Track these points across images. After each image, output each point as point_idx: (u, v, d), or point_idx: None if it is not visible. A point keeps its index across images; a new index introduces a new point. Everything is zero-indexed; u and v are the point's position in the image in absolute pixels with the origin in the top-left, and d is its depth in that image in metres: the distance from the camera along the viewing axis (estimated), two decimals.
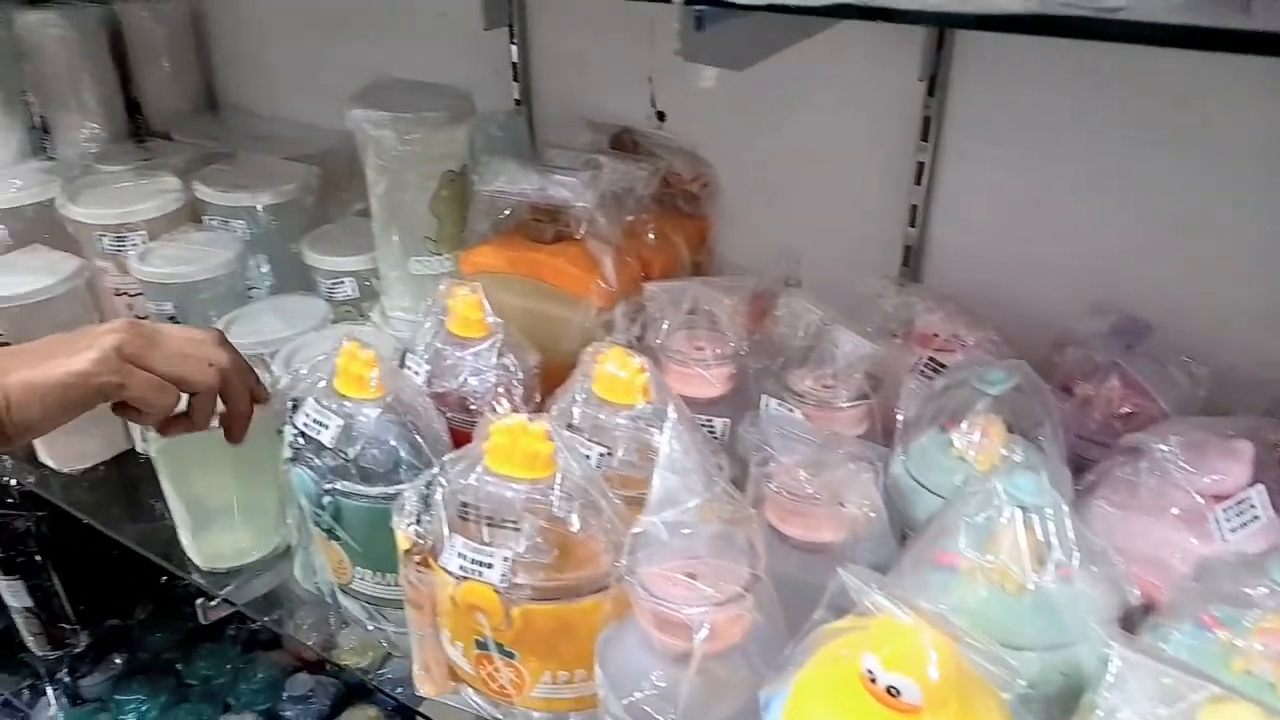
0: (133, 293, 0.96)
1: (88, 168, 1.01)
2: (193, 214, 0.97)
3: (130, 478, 1.01)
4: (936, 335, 0.74)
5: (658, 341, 0.74)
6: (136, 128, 1.15)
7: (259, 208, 0.95)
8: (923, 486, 0.62)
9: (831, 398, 0.67)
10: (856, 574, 0.43)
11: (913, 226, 0.79)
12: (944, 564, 0.53)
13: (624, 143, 0.88)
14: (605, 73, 0.90)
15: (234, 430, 0.71)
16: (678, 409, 0.57)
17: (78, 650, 1.41)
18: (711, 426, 0.72)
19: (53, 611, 1.37)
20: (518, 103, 0.94)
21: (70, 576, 1.37)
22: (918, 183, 0.77)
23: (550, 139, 0.94)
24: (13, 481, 1.28)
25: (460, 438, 0.73)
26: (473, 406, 0.74)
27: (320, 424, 0.66)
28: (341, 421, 0.66)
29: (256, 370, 0.74)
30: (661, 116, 0.88)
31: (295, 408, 0.70)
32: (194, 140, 1.11)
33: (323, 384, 0.68)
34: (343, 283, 0.91)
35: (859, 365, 0.67)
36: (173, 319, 0.90)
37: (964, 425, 0.62)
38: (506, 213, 0.80)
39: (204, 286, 0.90)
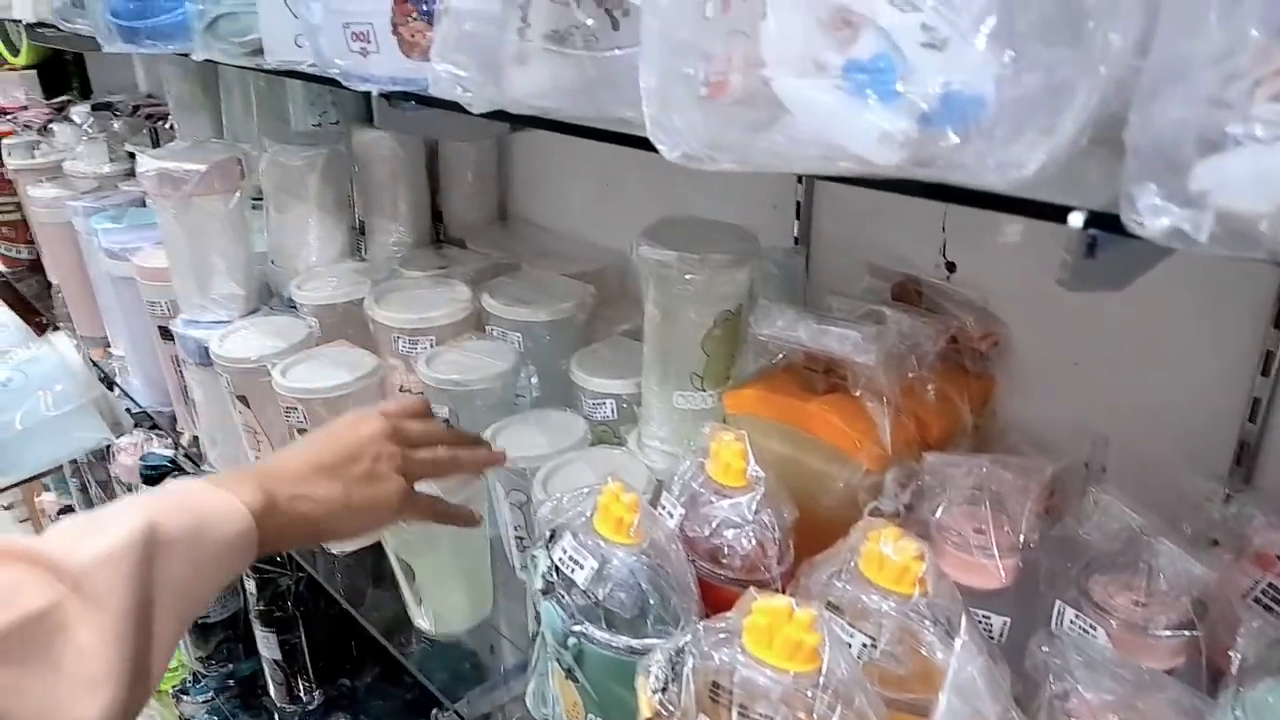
0: (415, 391, 1.03)
1: (394, 271, 1.11)
2: (478, 322, 1.03)
3: (379, 561, 1.07)
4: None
5: (933, 516, 0.67)
6: (437, 234, 1.26)
7: (537, 323, 0.99)
8: None
9: (1146, 621, 0.57)
10: None
11: (1252, 422, 0.68)
12: None
13: (907, 292, 0.84)
14: (892, 217, 0.87)
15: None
16: (970, 627, 0.50)
17: (310, 707, 1.50)
18: (988, 624, 0.64)
19: (295, 666, 1.47)
20: (796, 241, 0.93)
21: (314, 635, 1.47)
22: (1264, 373, 0.66)
23: (827, 280, 0.91)
24: None
25: (707, 589, 0.71)
26: (724, 560, 0.70)
27: (576, 563, 0.66)
28: (597, 564, 0.65)
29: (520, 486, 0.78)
30: (951, 267, 0.83)
31: (553, 538, 0.70)
32: (485, 250, 1.19)
33: (582, 520, 0.68)
34: (604, 404, 0.92)
35: (1183, 588, 0.57)
36: (446, 423, 0.95)
37: None
38: (779, 357, 0.78)
39: (479, 395, 0.94)
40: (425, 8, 0.56)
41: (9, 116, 1.92)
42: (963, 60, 0.32)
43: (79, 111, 1.95)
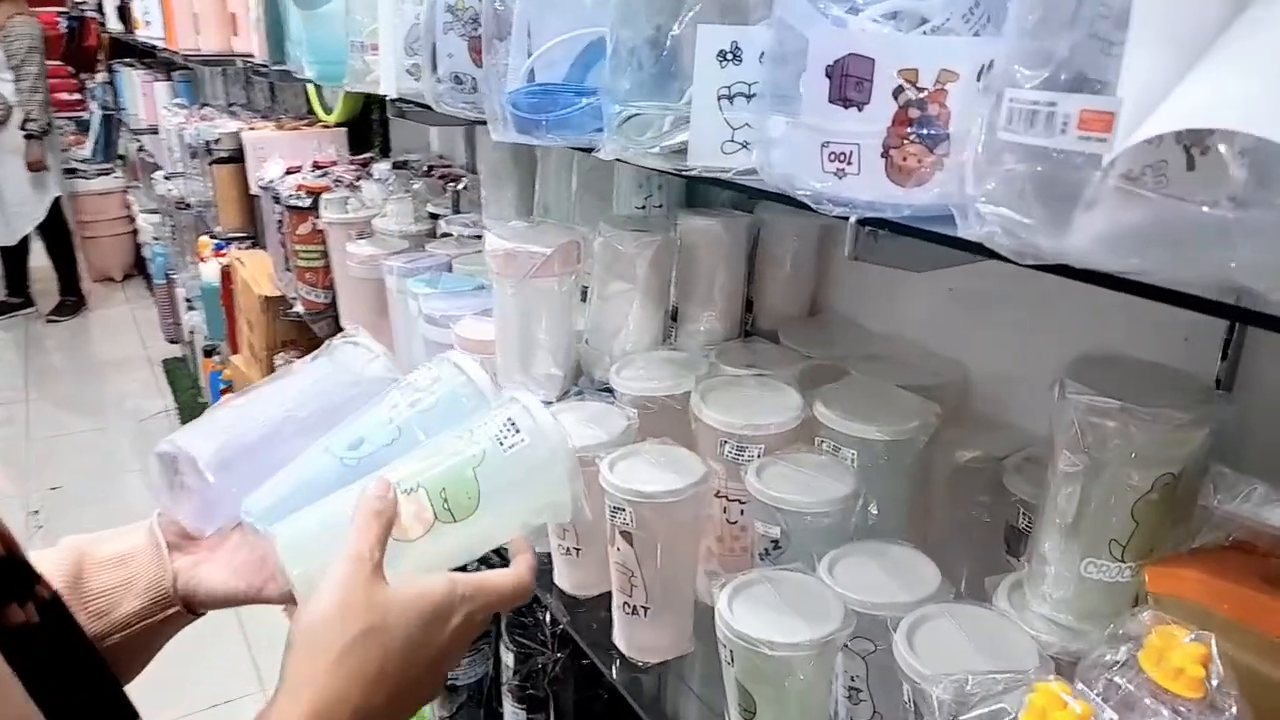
0: (732, 497, 0.96)
1: (713, 366, 1.06)
2: (808, 431, 0.96)
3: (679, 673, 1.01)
4: None
5: None
6: (744, 325, 1.20)
7: (877, 441, 0.90)
8: None
9: None
10: None
11: None
12: None
13: None
14: None
15: None
16: None
17: None
18: None
19: None
20: (1218, 384, 0.79)
21: (562, 717, 1.43)
22: None
23: (1260, 438, 0.77)
24: (547, 620, 1.37)
25: None
26: None
27: None
28: None
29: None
30: None
31: None
32: (800, 347, 1.12)
33: (1007, 716, 0.58)
34: None
35: None
36: (775, 543, 0.88)
37: None
38: (1232, 537, 0.65)
39: (815, 518, 0.86)
40: (928, 130, 0.49)
41: (321, 171, 2.08)
42: None
43: (380, 169, 2.08)
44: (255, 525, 0.64)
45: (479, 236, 1.61)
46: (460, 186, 1.92)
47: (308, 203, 1.88)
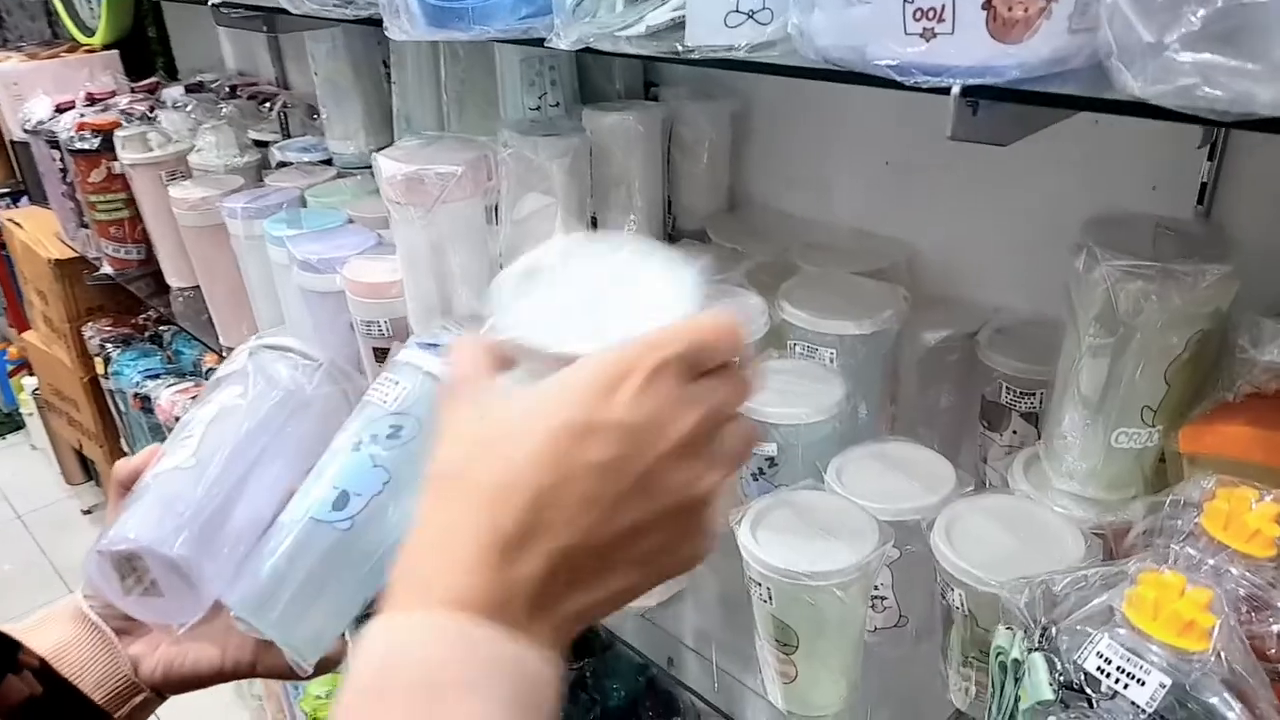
0: None
1: None
2: (774, 336, 0.89)
3: None
4: None
5: None
6: (666, 228, 1.10)
7: (856, 336, 0.85)
8: None
9: None
10: None
11: None
12: None
13: None
14: None
15: None
16: None
17: None
18: None
19: None
20: None
21: None
22: None
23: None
24: None
25: None
26: (1271, 652, 0.57)
27: (1128, 675, 0.52)
28: (1168, 680, 0.51)
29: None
30: None
31: (1047, 634, 0.57)
32: (733, 244, 1.04)
33: (1109, 614, 0.54)
34: None
35: None
36: (771, 460, 0.82)
37: None
38: (1274, 386, 0.64)
39: (812, 429, 0.80)
40: None
41: (101, 104, 1.75)
42: None
43: (172, 94, 1.78)
44: (257, 629, 0.55)
45: (327, 162, 1.41)
46: (280, 106, 1.67)
47: (97, 144, 1.57)
